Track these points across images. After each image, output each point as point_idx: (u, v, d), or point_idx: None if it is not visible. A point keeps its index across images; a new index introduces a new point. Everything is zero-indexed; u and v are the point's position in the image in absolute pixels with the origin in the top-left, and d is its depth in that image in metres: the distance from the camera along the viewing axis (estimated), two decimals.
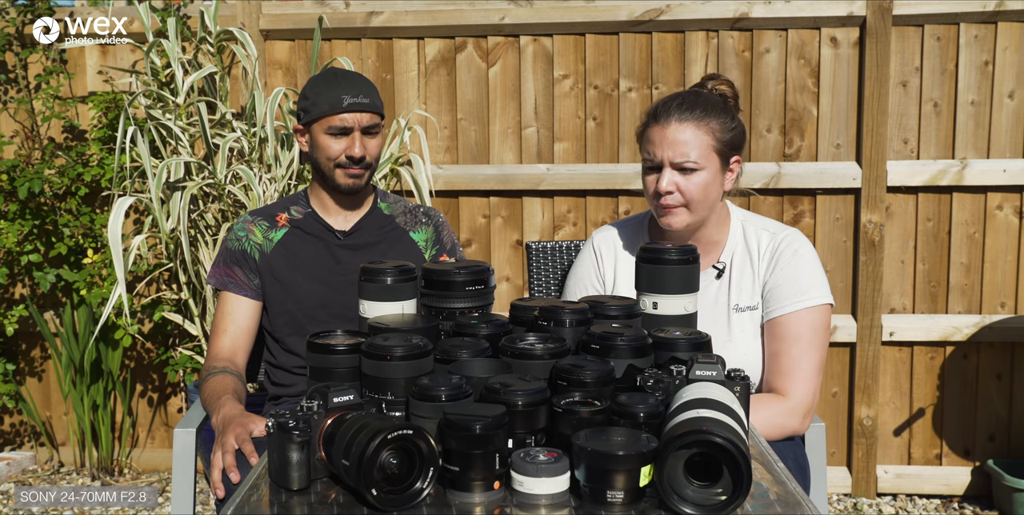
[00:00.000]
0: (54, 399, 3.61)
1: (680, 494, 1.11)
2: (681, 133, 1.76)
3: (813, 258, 1.85)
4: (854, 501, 3.28)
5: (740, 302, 1.85)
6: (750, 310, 1.84)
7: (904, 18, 3.15)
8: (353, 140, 1.97)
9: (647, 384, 1.26)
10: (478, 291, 1.51)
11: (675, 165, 1.76)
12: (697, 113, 1.76)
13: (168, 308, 3.24)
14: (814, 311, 1.80)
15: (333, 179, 2.00)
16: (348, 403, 1.25)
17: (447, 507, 1.15)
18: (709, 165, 1.77)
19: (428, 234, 2.15)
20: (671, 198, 1.77)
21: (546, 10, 3.24)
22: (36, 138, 3.43)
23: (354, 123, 1.96)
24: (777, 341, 1.81)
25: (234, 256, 2.04)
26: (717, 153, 1.78)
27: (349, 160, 1.97)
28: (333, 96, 1.96)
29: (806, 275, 1.82)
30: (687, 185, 1.77)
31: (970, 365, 3.29)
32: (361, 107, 1.97)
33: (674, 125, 1.76)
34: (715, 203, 1.83)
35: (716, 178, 1.79)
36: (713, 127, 1.77)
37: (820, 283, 1.82)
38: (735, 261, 1.88)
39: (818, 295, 1.81)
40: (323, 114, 1.96)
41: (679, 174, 1.77)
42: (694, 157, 1.75)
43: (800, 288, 1.80)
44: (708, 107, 1.78)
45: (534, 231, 3.35)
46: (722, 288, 1.87)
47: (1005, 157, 3.19)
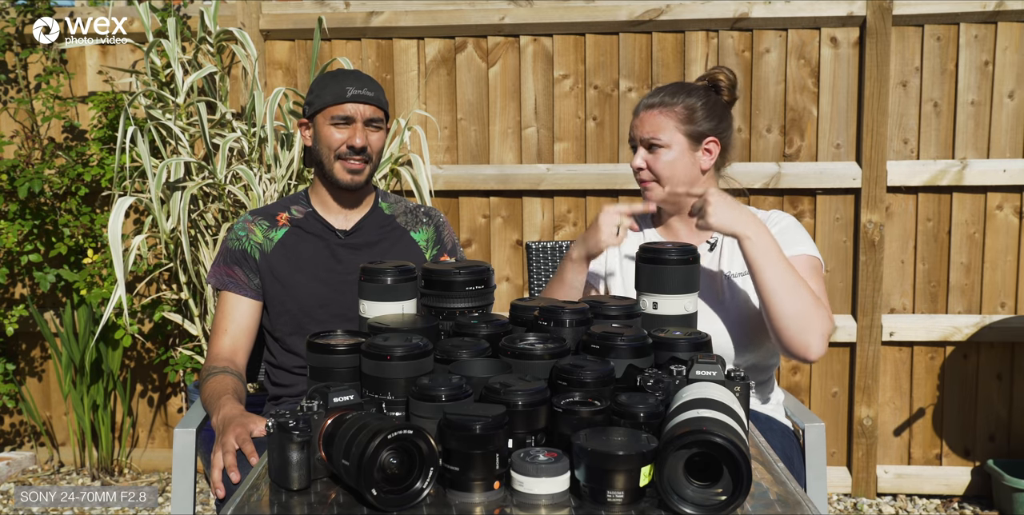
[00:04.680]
0: (54, 399, 3.61)
1: (680, 494, 1.11)
2: (649, 117, 1.94)
3: (803, 228, 1.96)
4: (854, 501, 3.28)
5: (732, 269, 1.91)
6: (741, 276, 1.90)
7: (904, 18, 3.15)
8: (355, 130, 1.98)
9: (647, 384, 1.26)
10: (478, 291, 1.51)
11: (644, 143, 1.94)
12: (663, 98, 1.94)
13: (168, 308, 3.24)
14: (813, 259, 1.88)
15: (333, 174, 2.00)
16: (348, 403, 1.25)
17: (447, 507, 1.15)
18: (675, 145, 1.91)
19: (429, 234, 2.15)
20: (643, 174, 1.95)
21: (546, 10, 3.24)
22: (36, 138, 3.43)
23: (356, 114, 1.98)
24: None
25: (234, 256, 2.04)
26: (684, 134, 1.91)
27: (350, 150, 1.98)
28: (338, 87, 1.98)
29: (799, 234, 1.92)
30: (655, 163, 1.92)
31: (970, 365, 3.29)
32: (365, 99, 1.99)
33: (643, 112, 1.95)
34: (690, 180, 1.93)
35: (684, 156, 1.92)
36: (678, 110, 1.92)
37: (813, 244, 1.91)
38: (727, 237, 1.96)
39: (812, 249, 1.90)
40: (327, 104, 1.98)
41: (648, 153, 1.93)
42: (660, 138, 1.91)
43: (795, 239, 1.89)
44: (676, 94, 1.94)
45: (534, 231, 3.35)
46: (713, 258, 1.94)
47: (1005, 157, 3.19)
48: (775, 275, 1.73)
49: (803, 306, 1.73)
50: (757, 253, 1.74)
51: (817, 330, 1.74)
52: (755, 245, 1.73)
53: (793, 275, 1.75)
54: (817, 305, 1.75)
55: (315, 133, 2.02)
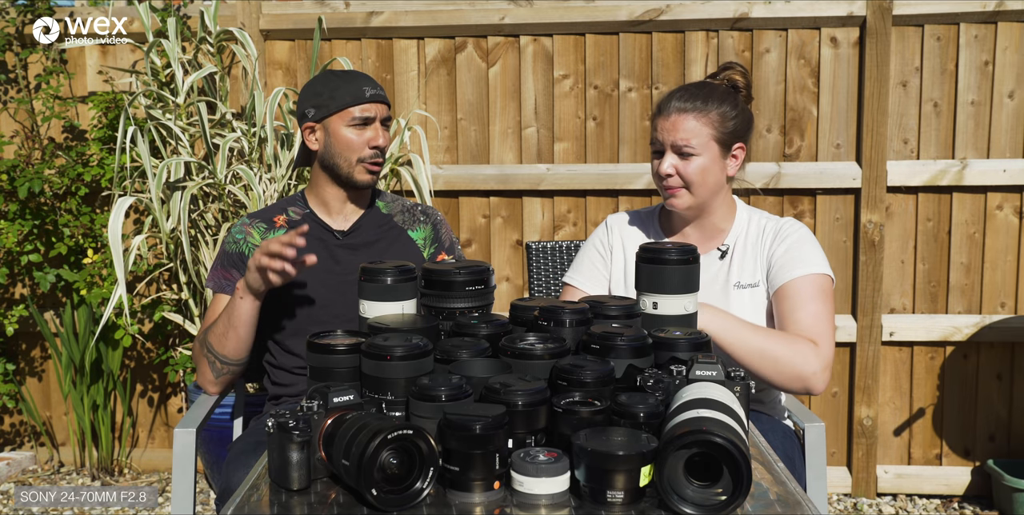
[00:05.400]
0: (54, 399, 3.61)
1: (680, 494, 1.11)
2: (682, 121, 1.87)
3: (814, 240, 1.94)
4: (854, 501, 3.28)
5: (741, 279, 1.91)
6: (751, 287, 1.90)
7: (904, 18, 3.15)
8: (376, 130, 1.98)
9: (647, 384, 1.26)
10: (478, 291, 1.51)
11: (675, 149, 1.87)
12: (697, 104, 1.87)
13: (168, 308, 3.24)
14: (821, 277, 1.86)
15: (351, 175, 1.99)
16: (348, 403, 1.25)
17: (447, 507, 1.15)
18: (707, 152, 1.87)
19: (426, 232, 2.15)
20: (672, 180, 1.89)
21: (546, 10, 3.24)
22: (36, 138, 3.43)
23: (376, 113, 1.98)
24: (791, 301, 1.85)
25: (231, 259, 2.04)
26: (716, 141, 1.87)
27: (375, 150, 1.98)
28: (354, 88, 1.97)
29: (810, 248, 1.90)
30: (686, 168, 1.87)
31: (970, 365, 3.29)
32: (380, 98, 2.00)
33: (675, 115, 1.87)
34: (717, 187, 1.91)
35: (715, 164, 1.88)
36: (712, 117, 1.87)
37: (823, 259, 1.90)
38: (738, 243, 1.95)
39: (822, 265, 1.88)
40: (345, 105, 1.96)
41: (679, 158, 1.88)
42: (693, 144, 1.86)
43: (804, 257, 1.87)
44: (709, 98, 1.88)
45: (534, 231, 3.35)
46: (723, 267, 1.93)
47: (1005, 157, 3.19)
48: (740, 350, 1.72)
49: (781, 363, 1.73)
50: (715, 338, 1.69)
51: (807, 371, 1.75)
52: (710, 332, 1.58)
53: (756, 340, 1.73)
54: (797, 350, 1.74)
55: (327, 137, 1.99)
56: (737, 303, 1.89)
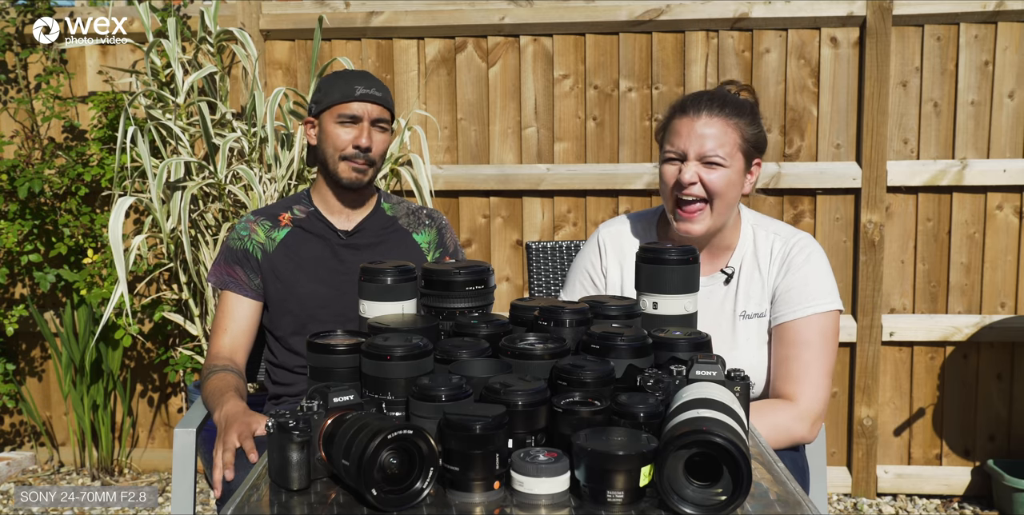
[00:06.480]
0: (54, 399, 3.61)
1: (680, 494, 1.11)
2: (710, 127, 1.73)
3: (824, 264, 1.83)
4: (854, 501, 3.28)
5: (747, 309, 1.82)
6: (757, 317, 1.81)
7: (904, 18, 3.15)
8: (362, 130, 1.98)
9: (647, 384, 1.26)
10: (478, 291, 1.51)
11: (701, 157, 1.73)
12: (728, 110, 1.75)
13: (168, 308, 3.24)
14: (824, 317, 1.77)
15: (336, 173, 2.00)
16: (348, 403, 1.25)
17: (447, 507, 1.15)
18: (734, 164, 1.75)
19: (431, 236, 2.15)
20: (694, 189, 1.73)
21: (546, 10, 3.24)
22: (36, 138, 3.43)
23: (363, 113, 1.98)
24: (786, 346, 1.78)
25: (235, 255, 2.04)
26: (743, 153, 1.76)
27: (356, 150, 1.98)
28: (347, 86, 1.98)
29: (816, 280, 1.79)
30: (710, 178, 1.73)
31: (970, 365, 3.29)
32: (372, 98, 1.99)
33: (704, 119, 1.74)
34: (735, 204, 1.81)
35: (739, 177, 1.77)
36: (741, 127, 1.75)
37: (830, 289, 1.80)
38: (744, 267, 1.85)
39: (828, 301, 1.78)
40: (335, 102, 1.98)
41: (703, 167, 1.74)
42: (722, 153, 1.73)
43: (810, 293, 1.78)
44: (738, 107, 1.77)
45: (534, 231, 3.35)
46: (729, 293, 1.84)
47: (1005, 157, 3.19)
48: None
49: (770, 442, 1.68)
50: None
51: (796, 437, 1.75)
52: None
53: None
54: (778, 424, 1.71)
55: (320, 132, 2.02)
56: (744, 334, 1.82)
